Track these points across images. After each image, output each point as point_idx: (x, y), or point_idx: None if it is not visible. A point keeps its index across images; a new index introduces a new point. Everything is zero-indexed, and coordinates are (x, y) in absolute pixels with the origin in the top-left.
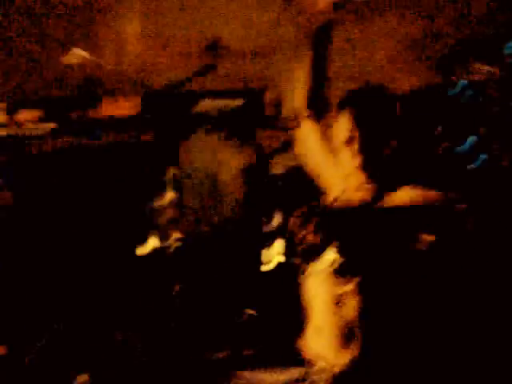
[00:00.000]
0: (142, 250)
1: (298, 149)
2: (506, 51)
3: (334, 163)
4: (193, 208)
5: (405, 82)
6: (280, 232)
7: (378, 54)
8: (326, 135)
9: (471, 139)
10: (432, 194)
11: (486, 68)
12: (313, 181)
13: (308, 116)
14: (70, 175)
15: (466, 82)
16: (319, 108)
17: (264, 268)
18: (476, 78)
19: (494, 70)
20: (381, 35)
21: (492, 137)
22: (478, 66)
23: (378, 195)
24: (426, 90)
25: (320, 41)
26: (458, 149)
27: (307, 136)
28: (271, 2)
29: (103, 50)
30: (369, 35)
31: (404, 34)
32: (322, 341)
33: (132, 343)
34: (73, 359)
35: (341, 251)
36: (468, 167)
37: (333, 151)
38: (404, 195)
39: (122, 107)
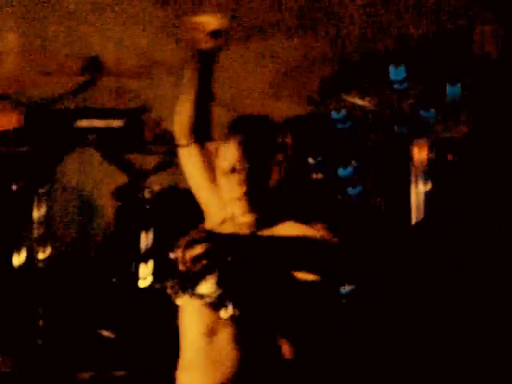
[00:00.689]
0: (15, 262)
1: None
2: (392, 77)
3: (216, 191)
4: (64, 225)
5: (279, 111)
6: (151, 253)
7: (258, 81)
8: (208, 162)
9: (347, 170)
10: (310, 231)
11: (361, 101)
12: (191, 205)
13: (189, 143)
14: None
15: (342, 114)
16: (201, 135)
17: (141, 284)
18: (353, 110)
19: (370, 103)
20: (261, 62)
21: (366, 169)
22: (353, 98)
23: (259, 226)
24: (304, 119)
25: (202, 67)
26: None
27: (188, 163)
28: (150, 24)
29: None
30: (249, 61)
31: (284, 62)
32: (194, 375)
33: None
34: None
35: (218, 282)
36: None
37: (216, 179)
38: (284, 229)
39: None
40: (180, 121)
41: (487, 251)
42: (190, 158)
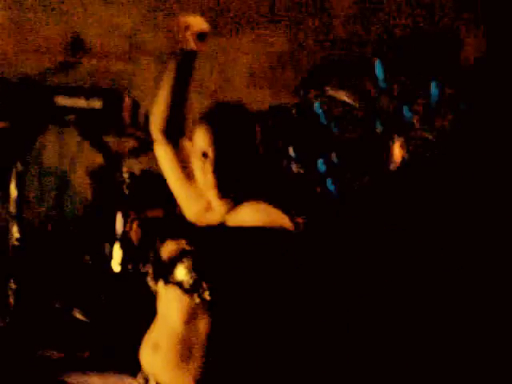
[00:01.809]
0: None
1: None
2: (377, 75)
3: (191, 185)
4: (36, 205)
5: (263, 101)
6: (123, 237)
7: (238, 72)
8: (182, 158)
9: (320, 162)
10: (276, 215)
11: (344, 96)
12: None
13: (164, 141)
14: None
15: (319, 106)
16: (175, 133)
17: (114, 266)
18: (332, 103)
19: (352, 97)
20: (247, 52)
21: (342, 163)
22: (334, 92)
23: (229, 213)
24: (282, 109)
25: (182, 67)
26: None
27: (163, 159)
28: (135, 7)
29: None
30: (235, 51)
31: (265, 52)
32: (158, 358)
33: None
34: None
35: (192, 267)
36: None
37: (190, 174)
38: (248, 214)
39: None
40: (155, 120)
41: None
42: (165, 155)
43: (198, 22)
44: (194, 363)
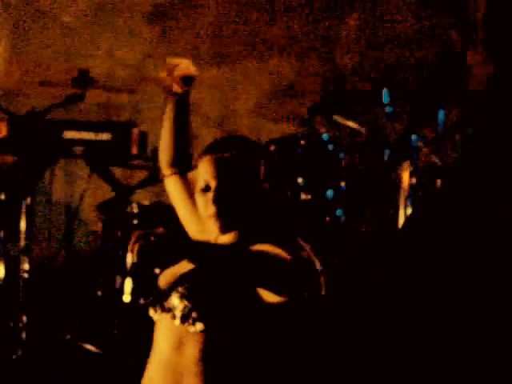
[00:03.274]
0: None
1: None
2: (384, 101)
3: (194, 215)
4: (48, 236)
5: (269, 131)
6: (136, 268)
7: (244, 101)
8: (190, 190)
9: (329, 190)
10: (285, 254)
11: (351, 123)
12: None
13: (172, 174)
14: None
15: (327, 135)
16: (182, 167)
17: (125, 299)
18: (339, 132)
19: (360, 126)
20: (252, 81)
21: (350, 193)
22: (342, 120)
23: (235, 245)
24: (290, 139)
25: (177, 107)
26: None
27: (172, 191)
28: (140, 38)
29: None
30: (240, 80)
31: (271, 82)
32: None
33: None
34: None
35: (186, 295)
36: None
37: (193, 200)
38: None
39: None
40: (163, 156)
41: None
42: (173, 188)
43: (184, 66)
44: None
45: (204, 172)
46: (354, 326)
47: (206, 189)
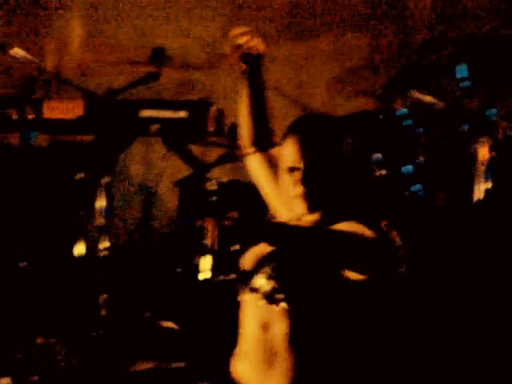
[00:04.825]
0: (76, 252)
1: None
2: (458, 76)
3: (281, 194)
4: (124, 217)
5: (345, 107)
6: (211, 247)
7: (323, 75)
8: (272, 167)
9: (408, 168)
10: (369, 232)
11: (428, 98)
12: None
13: (253, 152)
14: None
15: (405, 110)
16: (263, 144)
17: (201, 276)
18: (417, 107)
19: (437, 100)
20: (327, 57)
21: (428, 168)
22: (419, 95)
23: (323, 224)
24: (366, 116)
25: (251, 82)
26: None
27: (254, 170)
28: (217, 16)
29: (45, 51)
30: (315, 56)
31: (346, 57)
32: (246, 366)
33: (55, 350)
34: None
35: (272, 276)
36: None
37: (278, 180)
38: (342, 229)
39: (63, 110)
40: (243, 134)
41: None
42: (255, 166)
43: (254, 43)
44: (279, 367)
45: (290, 152)
46: (430, 304)
47: (293, 169)
